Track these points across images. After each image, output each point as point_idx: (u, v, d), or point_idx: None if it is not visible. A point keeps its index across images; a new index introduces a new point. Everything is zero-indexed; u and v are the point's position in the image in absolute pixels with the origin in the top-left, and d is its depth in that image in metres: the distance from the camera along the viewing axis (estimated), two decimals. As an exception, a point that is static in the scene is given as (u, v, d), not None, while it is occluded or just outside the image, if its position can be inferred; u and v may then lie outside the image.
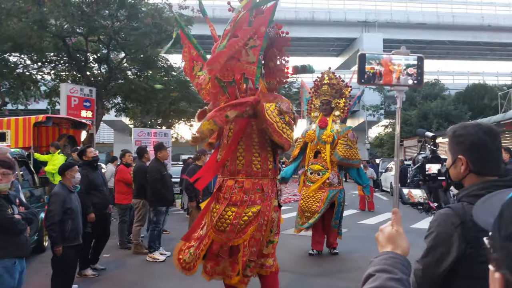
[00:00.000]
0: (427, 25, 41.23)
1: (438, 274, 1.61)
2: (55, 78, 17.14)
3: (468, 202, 1.60)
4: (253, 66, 4.10)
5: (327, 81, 7.87)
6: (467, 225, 1.55)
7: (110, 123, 37.28)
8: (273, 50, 4.53)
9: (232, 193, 4.24)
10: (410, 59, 2.06)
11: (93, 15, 13.76)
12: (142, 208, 7.90)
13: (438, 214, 1.69)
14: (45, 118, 9.16)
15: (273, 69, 4.58)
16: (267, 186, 4.29)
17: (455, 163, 1.73)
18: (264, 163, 4.31)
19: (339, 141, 7.55)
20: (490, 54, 49.49)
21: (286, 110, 4.20)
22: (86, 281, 6.13)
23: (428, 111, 28.32)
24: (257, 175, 4.28)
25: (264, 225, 4.21)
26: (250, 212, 4.18)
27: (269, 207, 4.26)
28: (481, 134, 1.65)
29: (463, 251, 1.55)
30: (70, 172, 5.18)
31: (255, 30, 4.12)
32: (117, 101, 18.94)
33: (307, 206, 7.43)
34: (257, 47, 4.10)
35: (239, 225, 4.15)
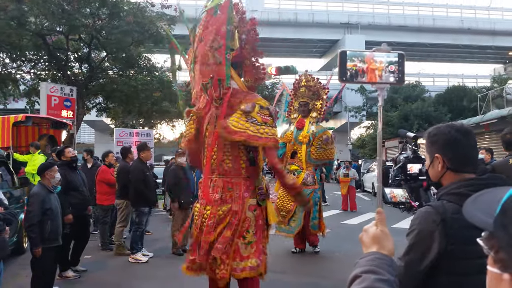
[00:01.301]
0: (408, 28, 41.85)
1: (420, 271, 1.64)
2: (34, 77, 16.81)
3: (448, 200, 1.64)
4: (221, 67, 4.14)
5: (305, 83, 8.03)
6: (448, 222, 1.58)
7: (91, 123, 36.83)
8: (247, 48, 4.50)
9: (208, 193, 4.29)
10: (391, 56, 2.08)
11: (74, 13, 13.52)
12: (125, 208, 7.82)
13: (419, 212, 1.72)
14: (24, 117, 8.97)
15: (249, 67, 4.57)
16: (239, 185, 4.26)
17: (432, 162, 1.77)
18: (235, 162, 4.28)
19: (313, 143, 7.71)
20: (469, 57, 50.48)
21: (250, 110, 4.14)
22: (67, 282, 6.03)
23: (409, 112, 28.74)
24: (229, 174, 4.28)
25: (236, 224, 4.19)
26: (221, 211, 4.19)
27: (242, 206, 4.23)
28: (453, 132, 1.71)
29: (444, 247, 1.58)
30: (50, 172, 5.09)
31: (216, 31, 4.14)
32: (98, 101, 18.69)
33: (282, 205, 7.57)
34: (221, 47, 4.12)
35: (214, 224, 4.18)
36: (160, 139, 27.11)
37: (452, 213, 1.59)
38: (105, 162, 8.38)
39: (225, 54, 4.11)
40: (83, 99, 15.65)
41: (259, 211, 4.40)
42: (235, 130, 4.04)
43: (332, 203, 15.81)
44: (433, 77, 46.99)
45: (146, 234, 8.14)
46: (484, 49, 46.12)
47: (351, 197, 14.21)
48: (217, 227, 4.20)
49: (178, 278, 6.36)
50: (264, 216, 4.49)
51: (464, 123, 1.84)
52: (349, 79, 2.12)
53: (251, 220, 4.32)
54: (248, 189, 4.32)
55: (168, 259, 7.52)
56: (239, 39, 4.42)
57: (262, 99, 4.45)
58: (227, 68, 4.16)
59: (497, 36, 42.90)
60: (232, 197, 4.24)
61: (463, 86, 34.38)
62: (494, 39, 43.21)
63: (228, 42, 4.17)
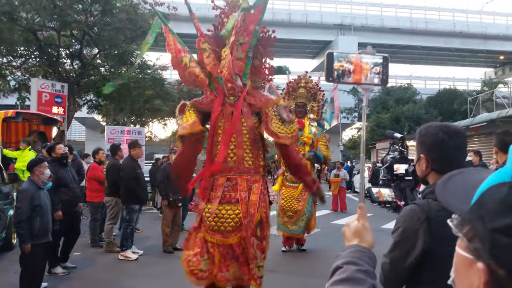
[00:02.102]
0: (401, 30, 42.10)
1: (404, 268, 1.68)
2: (25, 73, 16.66)
3: (433, 199, 1.67)
4: (241, 63, 4.15)
5: (304, 84, 8.14)
6: (432, 220, 1.62)
7: (81, 120, 36.56)
8: (259, 48, 4.50)
9: (225, 191, 4.13)
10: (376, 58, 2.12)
11: (66, 9, 13.40)
12: (115, 206, 7.80)
13: (404, 210, 1.77)
14: (15, 113, 8.92)
15: (258, 67, 4.57)
16: (258, 182, 4.20)
17: (418, 161, 1.82)
18: (256, 160, 4.25)
19: (320, 142, 7.88)
20: (460, 60, 50.92)
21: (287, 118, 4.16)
22: (56, 279, 6.00)
23: (400, 114, 28.96)
24: (249, 172, 4.20)
25: (265, 222, 4.18)
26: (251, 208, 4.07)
27: (265, 204, 4.21)
28: (441, 135, 1.74)
29: (428, 245, 1.62)
30: (39, 168, 5.06)
31: (245, 27, 4.15)
32: (90, 98, 18.56)
33: (289, 205, 7.63)
34: (246, 44, 4.13)
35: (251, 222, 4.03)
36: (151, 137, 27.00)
37: (437, 211, 1.62)
38: (95, 159, 8.35)
39: (247, 51, 4.14)
40: (74, 96, 15.53)
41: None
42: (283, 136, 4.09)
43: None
44: (425, 80, 47.38)
45: (136, 232, 8.12)
46: (475, 53, 46.56)
47: (341, 198, 14.30)
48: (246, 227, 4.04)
49: (168, 275, 6.37)
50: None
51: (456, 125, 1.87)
52: (335, 79, 2.16)
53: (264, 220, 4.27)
54: (265, 186, 4.33)
55: (158, 257, 7.51)
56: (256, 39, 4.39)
57: (279, 99, 4.54)
58: (247, 66, 4.18)
59: (488, 40, 43.33)
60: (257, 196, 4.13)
61: (454, 89, 34.73)
62: (485, 43, 43.63)
63: (254, 41, 4.18)
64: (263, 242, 4.17)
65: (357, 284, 1.04)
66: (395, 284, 1.74)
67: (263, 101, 4.28)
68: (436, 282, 1.60)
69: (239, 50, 4.14)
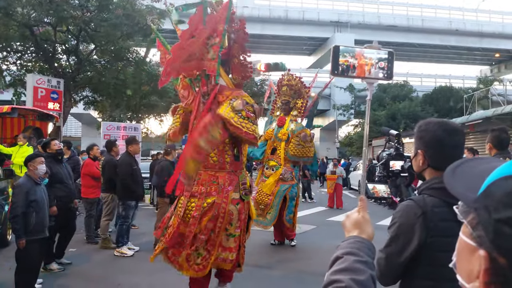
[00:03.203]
0: (398, 28, 42.16)
1: (400, 263, 1.69)
2: (21, 69, 16.57)
3: (429, 194, 1.70)
4: (213, 63, 4.28)
5: (286, 82, 8.22)
6: (428, 215, 1.64)
7: (77, 116, 36.44)
8: (236, 46, 4.64)
9: (193, 185, 4.38)
10: (381, 53, 2.13)
11: (62, 4, 13.34)
12: (110, 202, 7.79)
13: (401, 205, 1.79)
14: (10, 109, 8.87)
15: (237, 65, 4.70)
16: (223, 178, 4.42)
17: (416, 156, 1.84)
18: (221, 156, 4.46)
19: (292, 140, 7.92)
20: (456, 58, 51.06)
21: (238, 107, 4.28)
22: (52, 275, 5.99)
23: (397, 111, 29.03)
24: (214, 168, 4.44)
25: (221, 217, 4.34)
26: (205, 203, 4.32)
27: (226, 199, 4.37)
28: (440, 132, 1.75)
29: (424, 240, 1.63)
30: (33, 164, 5.03)
31: (213, 28, 4.29)
32: (86, 94, 18.50)
33: (261, 199, 7.82)
34: (217, 44, 4.28)
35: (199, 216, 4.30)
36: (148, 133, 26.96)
37: (432, 206, 1.64)
38: (89, 155, 8.32)
39: (218, 52, 4.25)
40: (70, 92, 15.47)
41: (242, 205, 4.54)
42: (226, 117, 4.17)
43: (318, 200, 15.92)
44: (421, 77, 47.48)
45: (132, 228, 8.12)
46: (471, 51, 46.70)
47: (338, 195, 14.31)
48: (202, 219, 4.30)
49: (164, 272, 6.36)
50: (246, 211, 4.63)
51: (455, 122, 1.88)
52: (340, 74, 2.16)
53: (234, 214, 4.44)
54: (232, 183, 4.46)
55: (153, 253, 7.51)
56: (228, 38, 4.59)
57: (248, 96, 4.58)
58: (218, 65, 4.30)
59: (484, 38, 43.47)
60: (217, 190, 4.37)
61: (450, 86, 34.81)
62: (481, 41, 43.78)
63: (224, 41, 4.35)
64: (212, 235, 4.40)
65: (357, 274, 1.06)
66: (390, 278, 1.76)
67: (226, 96, 4.43)
68: (431, 276, 1.63)
69: (210, 51, 4.28)
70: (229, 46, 4.61)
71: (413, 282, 1.69)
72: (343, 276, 1.05)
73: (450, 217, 0.78)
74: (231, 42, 4.62)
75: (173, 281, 5.96)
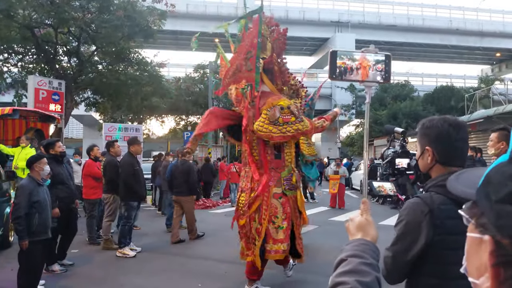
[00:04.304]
0: (398, 27, 42.13)
1: (407, 261, 1.68)
2: (22, 70, 16.58)
3: (436, 192, 1.67)
4: (251, 73, 4.91)
5: None
6: (435, 213, 1.62)
7: (79, 118, 36.47)
8: (274, 55, 5.23)
9: (243, 181, 5.21)
10: (379, 56, 2.13)
11: (63, 6, 13.35)
12: (112, 203, 7.79)
13: (407, 203, 1.76)
14: (11, 110, 8.85)
15: (277, 72, 5.33)
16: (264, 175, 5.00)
17: (422, 154, 1.80)
18: (262, 155, 5.07)
19: (300, 140, 7.71)
20: (457, 57, 51.01)
21: (273, 118, 4.82)
22: (54, 276, 5.99)
23: (398, 111, 28.97)
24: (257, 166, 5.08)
25: (264, 209, 4.92)
26: (250, 198, 4.99)
27: (267, 194, 4.94)
28: (446, 126, 1.74)
29: (431, 238, 1.62)
30: (39, 165, 5.04)
31: (250, 43, 4.91)
32: (87, 95, 18.51)
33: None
34: (252, 56, 4.87)
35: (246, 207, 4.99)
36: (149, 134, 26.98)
37: (439, 204, 1.63)
38: (90, 156, 8.31)
39: (255, 63, 4.83)
40: (71, 93, 15.47)
41: (285, 199, 5.05)
42: (261, 134, 4.84)
43: (320, 200, 15.90)
44: (422, 77, 47.39)
45: (134, 229, 8.10)
46: (472, 50, 46.65)
47: (340, 195, 14.27)
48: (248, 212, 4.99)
49: (166, 272, 6.37)
50: (292, 205, 5.14)
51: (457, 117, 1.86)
52: (338, 77, 2.17)
53: (278, 207, 4.97)
54: (273, 179, 5.02)
55: (156, 254, 7.52)
56: (271, 48, 5.21)
57: (284, 99, 5.13)
58: (257, 75, 4.91)
59: (485, 38, 43.42)
60: (259, 186, 4.96)
61: (451, 86, 34.74)
62: (482, 40, 43.72)
63: (259, 52, 4.90)
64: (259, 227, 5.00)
65: (362, 276, 1.05)
66: (397, 277, 1.75)
67: (262, 104, 5.03)
68: (438, 274, 1.62)
69: (248, 63, 4.89)
70: (271, 55, 5.20)
71: (420, 280, 1.68)
72: (349, 278, 1.05)
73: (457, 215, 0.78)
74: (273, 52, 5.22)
75: (176, 282, 5.96)
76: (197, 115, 27.66)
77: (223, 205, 15.08)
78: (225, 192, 16.84)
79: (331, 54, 2.07)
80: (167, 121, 28.43)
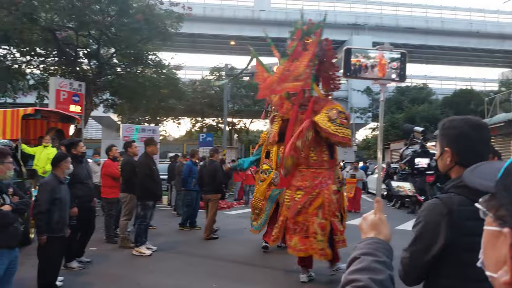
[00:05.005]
0: (416, 30, 41.65)
1: (425, 262, 1.65)
2: (44, 72, 16.96)
3: (456, 193, 1.64)
4: (308, 80, 5.50)
5: None
6: (454, 214, 1.60)
7: (98, 119, 36.99)
8: (326, 63, 5.67)
9: (297, 180, 5.55)
10: (394, 54, 2.13)
11: (84, 9, 13.65)
12: (129, 202, 7.91)
13: (426, 204, 1.74)
14: (33, 110, 9.07)
15: (327, 78, 5.86)
16: (323, 174, 5.47)
17: (442, 154, 1.78)
18: (319, 156, 5.53)
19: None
20: (477, 60, 50.15)
21: (333, 117, 5.26)
22: (72, 273, 6.13)
23: (415, 114, 28.67)
24: (314, 166, 5.52)
25: (327, 205, 5.31)
26: (311, 195, 5.41)
27: (328, 191, 5.39)
28: (466, 127, 1.71)
29: (449, 239, 1.60)
30: (65, 163, 5.18)
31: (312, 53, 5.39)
32: (106, 97, 18.82)
33: (255, 203, 7.84)
34: (311, 65, 5.38)
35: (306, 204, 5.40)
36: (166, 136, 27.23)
37: (459, 205, 1.60)
38: (109, 156, 8.48)
39: (311, 70, 5.41)
40: (91, 95, 15.76)
41: (339, 195, 5.59)
42: (322, 126, 5.20)
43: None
44: (441, 80, 46.77)
45: (150, 229, 8.21)
46: (492, 53, 45.79)
47: (357, 198, 14.07)
48: (308, 209, 5.37)
49: (180, 272, 6.46)
50: (341, 199, 5.72)
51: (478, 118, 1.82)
52: (352, 74, 2.17)
53: (335, 202, 5.41)
54: (330, 177, 5.50)
55: (171, 253, 7.62)
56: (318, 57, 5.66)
57: (340, 105, 5.60)
58: (312, 81, 5.55)
59: (506, 40, 42.58)
60: (319, 184, 5.41)
61: (470, 89, 34.23)
62: (502, 43, 42.89)
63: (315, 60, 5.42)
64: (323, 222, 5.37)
65: (375, 274, 1.05)
66: (414, 278, 1.72)
67: (321, 107, 5.51)
68: (457, 276, 1.59)
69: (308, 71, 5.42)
70: (318, 64, 5.60)
71: (438, 282, 1.66)
72: (362, 276, 1.05)
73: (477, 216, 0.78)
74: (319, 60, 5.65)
75: (190, 281, 6.04)
76: (212, 117, 27.79)
77: (237, 206, 15.16)
78: (239, 194, 16.92)
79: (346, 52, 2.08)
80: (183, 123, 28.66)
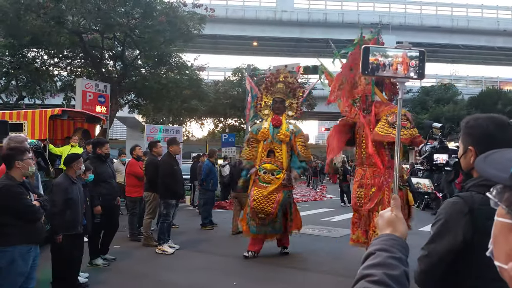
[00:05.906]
0: (441, 29, 40.86)
1: (443, 259, 1.64)
2: (70, 74, 17.42)
3: (477, 192, 1.61)
4: (368, 86, 6.01)
5: (283, 79, 7.65)
6: (475, 213, 1.57)
7: (122, 120, 37.62)
8: None
9: (360, 178, 6.13)
10: (412, 52, 2.13)
11: (110, 12, 13.96)
12: (153, 201, 8.06)
13: (447, 202, 1.72)
14: (61, 111, 9.35)
15: (389, 84, 6.23)
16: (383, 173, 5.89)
17: (465, 153, 1.75)
18: (381, 156, 5.94)
19: (297, 141, 7.37)
20: (505, 59, 48.86)
21: (393, 120, 5.60)
22: (97, 270, 6.31)
23: (440, 115, 28.15)
24: (375, 165, 5.94)
25: (387, 202, 5.57)
26: (371, 191, 5.88)
27: (388, 189, 5.73)
28: (492, 127, 1.66)
29: (469, 238, 1.57)
30: (77, 164, 5.27)
31: None
32: (131, 98, 19.18)
33: (261, 208, 7.05)
34: None
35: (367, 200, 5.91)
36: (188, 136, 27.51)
37: (480, 204, 1.57)
38: (133, 155, 8.66)
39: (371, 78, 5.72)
40: (116, 96, 16.11)
41: (401, 193, 5.73)
42: (382, 135, 5.70)
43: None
44: (467, 79, 45.78)
45: (172, 228, 8.34)
46: (520, 52, 44.56)
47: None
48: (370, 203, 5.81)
49: (202, 270, 6.56)
50: (404, 198, 5.85)
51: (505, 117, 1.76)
52: (370, 73, 2.17)
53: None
54: (390, 176, 5.77)
55: (193, 252, 7.73)
56: None
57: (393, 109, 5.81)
58: (373, 87, 5.98)
59: (534, 38, 41.39)
60: (379, 183, 5.85)
61: (498, 89, 33.41)
62: (531, 41, 41.69)
63: None
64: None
65: (390, 269, 1.06)
66: (431, 276, 1.69)
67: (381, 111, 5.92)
68: (476, 276, 1.57)
69: (366, 78, 5.89)
70: None
71: (457, 282, 1.64)
72: (376, 271, 1.05)
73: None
74: None
75: (211, 280, 6.13)
76: (234, 118, 27.92)
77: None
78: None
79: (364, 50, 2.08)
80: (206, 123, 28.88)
